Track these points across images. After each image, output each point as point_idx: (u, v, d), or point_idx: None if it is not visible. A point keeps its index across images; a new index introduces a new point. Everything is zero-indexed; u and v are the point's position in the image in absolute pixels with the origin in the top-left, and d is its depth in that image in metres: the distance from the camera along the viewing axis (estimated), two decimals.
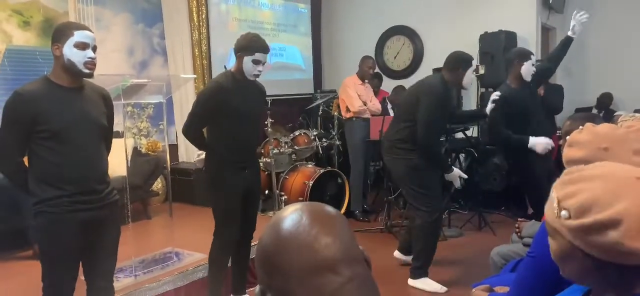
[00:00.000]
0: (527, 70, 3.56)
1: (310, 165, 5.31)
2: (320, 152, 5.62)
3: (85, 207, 2.18)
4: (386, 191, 4.98)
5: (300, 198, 4.79)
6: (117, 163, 3.81)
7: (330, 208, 0.79)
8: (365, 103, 5.23)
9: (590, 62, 6.79)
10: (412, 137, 3.36)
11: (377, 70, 6.30)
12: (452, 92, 3.64)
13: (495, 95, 3.58)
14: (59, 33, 2.16)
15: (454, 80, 3.43)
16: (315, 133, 5.62)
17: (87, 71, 2.17)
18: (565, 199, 0.96)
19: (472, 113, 4.71)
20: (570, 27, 3.76)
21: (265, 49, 2.89)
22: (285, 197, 5.04)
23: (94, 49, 2.20)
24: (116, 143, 3.69)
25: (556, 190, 1.01)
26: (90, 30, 2.23)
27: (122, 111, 3.53)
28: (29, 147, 2.14)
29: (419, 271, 3.49)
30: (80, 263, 2.28)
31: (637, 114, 2.25)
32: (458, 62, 3.42)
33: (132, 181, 3.83)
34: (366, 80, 5.39)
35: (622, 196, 0.91)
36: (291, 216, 0.75)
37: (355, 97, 5.19)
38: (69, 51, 2.13)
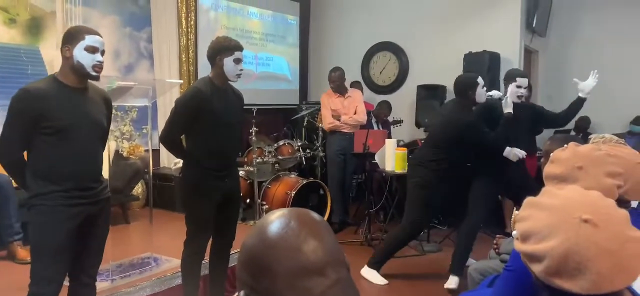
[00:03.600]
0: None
1: (293, 176, 5.33)
2: (304, 162, 5.65)
3: (79, 202, 2.25)
4: (367, 204, 5.01)
5: None
6: None
7: (315, 214, 0.82)
8: (339, 118, 5.22)
9: (570, 86, 6.93)
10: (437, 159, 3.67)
11: (350, 79, 6.35)
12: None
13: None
14: (70, 36, 2.26)
15: (467, 103, 3.61)
16: (299, 143, 5.64)
17: (94, 73, 2.27)
18: (518, 221, 1.02)
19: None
20: (581, 89, 3.99)
21: (241, 47, 2.92)
22: (267, 206, 5.04)
23: (102, 53, 2.29)
24: None
25: (520, 210, 1.06)
26: (100, 36, 2.32)
27: None
28: (31, 142, 2.20)
29: (375, 264, 3.86)
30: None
31: (606, 135, 2.32)
32: (465, 87, 3.60)
33: (112, 184, 3.78)
34: (345, 93, 5.29)
35: (555, 234, 0.94)
36: (279, 220, 0.77)
37: (327, 115, 5.26)
38: (80, 54, 2.22)
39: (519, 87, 3.70)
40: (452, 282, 3.70)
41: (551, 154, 1.59)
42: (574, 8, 6.83)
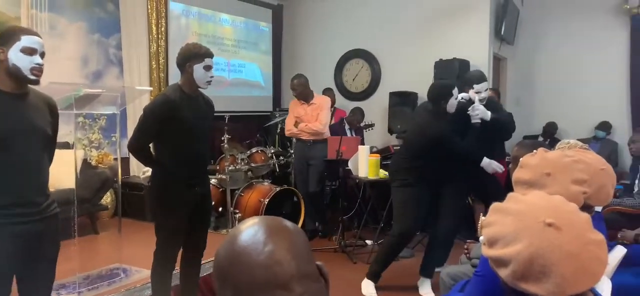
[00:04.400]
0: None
1: (266, 183, 5.29)
2: (277, 170, 5.62)
3: (21, 220, 2.04)
4: (341, 211, 5.01)
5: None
6: (66, 175, 3.69)
7: (288, 223, 0.80)
8: (296, 125, 5.12)
9: (538, 93, 7.14)
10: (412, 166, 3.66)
11: (323, 86, 6.42)
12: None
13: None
14: (4, 36, 2.06)
15: (439, 110, 3.57)
16: (272, 150, 5.62)
17: (33, 77, 2.06)
18: (485, 227, 1.03)
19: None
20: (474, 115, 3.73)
21: (212, 54, 2.88)
22: (240, 214, 4.99)
23: (42, 55, 2.09)
24: (65, 154, 3.59)
25: (487, 215, 1.07)
26: (39, 36, 2.12)
27: (74, 121, 3.44)
28: None
29: (371, 275, 3.76)
30: (15, 279, 2.12)
31: (571, 141, 2.38)
32: (439, 97, 3.57)
33: (80, 194, 3.70)
34: (310, 100, 5.09)
35: (521, 239, 0.97)
36: (247, 230, 0.76)
37: (288, 122, 5.21)
38: (15, 56, 2.02)
39: (477, 92, 3.67)
40: (427, 290, 3.73)
41: (520, 159, 1.61)
42: (540, 17, 7.01)
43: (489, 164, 3.64)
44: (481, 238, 1.04)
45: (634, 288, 2.38)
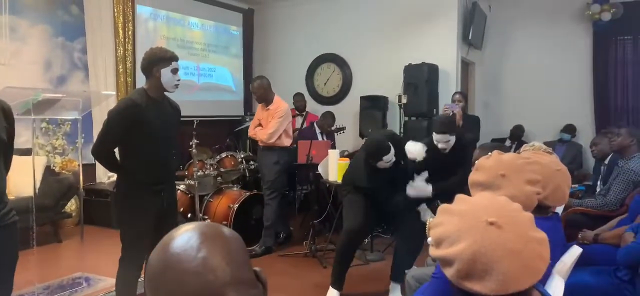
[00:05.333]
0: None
1: (236, 189, 5.24)
2: (247, 174, 5.56)
3: None
4: (312, 215, 4.99)
5: (224, 222, 4.70)
6: (26, 182, 3.57)
7: (224, 230, 0.78)
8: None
9: (505, 97, 7.27)
10: None
11: (294, 90, 6.44)
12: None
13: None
14: None
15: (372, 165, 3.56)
16: (242, 155, 5.56)
17: None
18: (432, 227, 1.04)
19: None
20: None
21: (177, 57, 2.85)
22: (209, 220, 4.92)
23: None
24: (26, 161, 3.48)
25: (436, 216, 1.08)
26: None
27: (32, 127, 3.33)
28: None
29: (334, 282, 3.65)
30: None
31: (536, 144, 2.43)
32: (372, 155, 3.48)
33: (41, 202, 3.60)
34: (269, 103, 4.88)
35: (464, 238, 0.98)
36: (181, 237, 0.73)
37: (252, 125, 5.08)
38: None
39: (437, 142, 3.65)
40: (397, 294, 3.74)
41: (476, 162, 1.63)
42: (507, 22, 7.15)
43: (425, 211, 3.72)
44: (429, 239, 1.04)
45: (590, 287, 2.43)
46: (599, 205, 3.72)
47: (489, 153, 1.62)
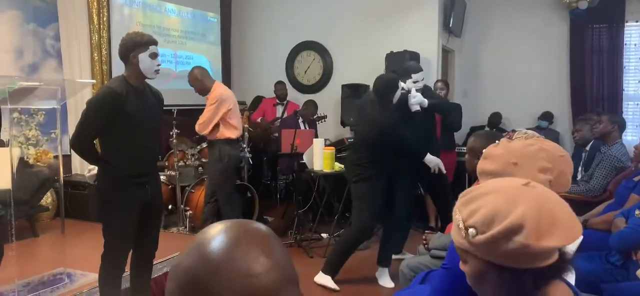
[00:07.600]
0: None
1: None
2: None
3: None
4: (296, 205, 4.95)
5: None
6: (1, 175, 3.42)
7: (262, 227, 0.72)
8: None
9: (483, 84, 7.33)
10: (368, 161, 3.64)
11: (274, 78, 6.38)
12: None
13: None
14: None
15: (386, 102, 3.62)
16: None
17: None
18: (469, 218, 1.01)
19: None
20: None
21: (156, 41, 2.73)
22: (191, 211, 4.83)
23: None
24: (1, 153, 3.32)
25: (459, 213, 1.05)
26: None
27: (9, 117, 3.18)
28: None
29: (329, 270, 3.69)
30: None
31: (529, 131, 2.43)
32: (387, 90, 3.62)
33: (17, 195, 3.45)
34: (206, 94, 4.66)
35: (518, 202, 0.97)
36: (222, 236, 0.66)
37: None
38: None
39: (415, 82, 3.78)
40: (386, 280, 3.76)
41: (484, 150, 1.60)
42: (485, 10, 7.20)
43: (431, 160, 3.75)
44: (471, 230, 0.99)
45: (582, 273, 2.46)
46: (582, 191, 3.78)
47: (496, 141, 1.59)
